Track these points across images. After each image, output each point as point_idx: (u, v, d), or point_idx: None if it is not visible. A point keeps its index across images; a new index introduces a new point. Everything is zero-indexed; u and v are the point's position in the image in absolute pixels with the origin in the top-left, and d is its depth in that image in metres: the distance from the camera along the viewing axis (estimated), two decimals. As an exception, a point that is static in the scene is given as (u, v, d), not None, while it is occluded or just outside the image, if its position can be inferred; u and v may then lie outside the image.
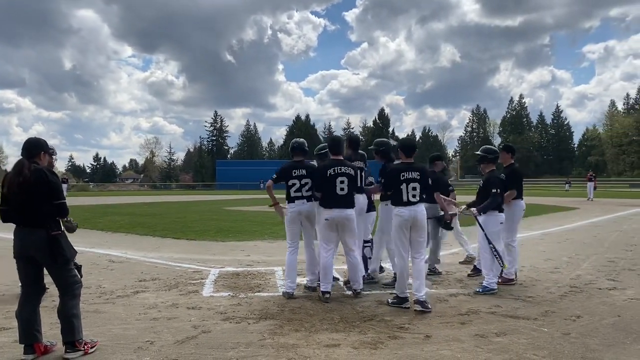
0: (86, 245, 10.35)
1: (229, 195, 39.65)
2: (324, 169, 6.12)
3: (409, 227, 5.64)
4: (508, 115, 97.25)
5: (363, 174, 6.63)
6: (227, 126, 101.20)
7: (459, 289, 6.57)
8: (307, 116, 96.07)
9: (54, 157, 5.72)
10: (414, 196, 5.69)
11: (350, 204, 6.15)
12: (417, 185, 5.71)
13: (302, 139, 6.67)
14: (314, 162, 6.71)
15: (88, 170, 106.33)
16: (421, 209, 5.73)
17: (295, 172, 6.28)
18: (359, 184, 6.39)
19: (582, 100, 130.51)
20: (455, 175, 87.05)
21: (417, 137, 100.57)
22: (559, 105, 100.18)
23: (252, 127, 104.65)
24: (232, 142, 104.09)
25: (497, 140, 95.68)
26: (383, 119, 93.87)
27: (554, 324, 4.96)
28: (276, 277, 7.37)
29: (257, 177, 61.34)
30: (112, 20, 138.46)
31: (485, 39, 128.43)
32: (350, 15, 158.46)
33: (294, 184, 6.27)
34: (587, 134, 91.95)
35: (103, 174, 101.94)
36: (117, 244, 11.08)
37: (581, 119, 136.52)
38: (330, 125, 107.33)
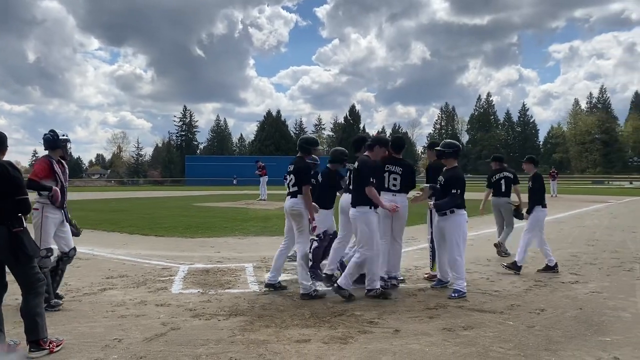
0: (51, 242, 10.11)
1: (198, 191, 39.19)
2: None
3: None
4: (476, 113, 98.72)
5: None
6: (197, 121, 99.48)
7: (427, 284, 6.67)
8: (278, 112, 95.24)
9: (69, 145, 5.61)
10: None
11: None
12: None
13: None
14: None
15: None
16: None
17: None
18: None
19: (547, 98, 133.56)
20: (424, 170, 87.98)
21: (388, 134, 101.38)
22: (525, 103, 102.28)
23: (222, 122, 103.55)
24: (202, 138, 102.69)
25: (464, 138, 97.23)
26: (354, 116, 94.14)
27: (519, 317, 5.09)
28: (246, 273, 7.34)
29: (227, 173, 60.84)
30: (77, 11, 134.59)
31: (454, 37, 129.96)
32: (321, 11, 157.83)
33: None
34: (552, 131, 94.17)
35: (69, 169, 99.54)
36: (83, 241, 10.79)
37: (546, 117, 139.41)
38: (301, 122, 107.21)
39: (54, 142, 5.49)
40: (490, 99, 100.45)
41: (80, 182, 69.29)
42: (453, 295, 5.93)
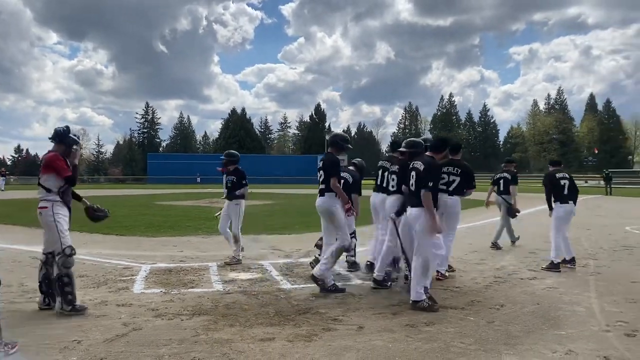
0: (8, 242, 9.79)
1: (161, 190, 38.58)
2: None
3: None
4: (439, 113, 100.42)
5: None
6: (159, 118, 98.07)
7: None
8: (243, 110, 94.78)
9: (74, 148, 5.36)
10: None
11: None
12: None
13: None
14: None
15: (9, 163, 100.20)
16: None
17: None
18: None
19: (507, 99, 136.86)
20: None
21: (353, 133, 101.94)
22: (486, 103, 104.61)
23: (185, 119, 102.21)
24: (165, 135, 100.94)
25: (427, 137, 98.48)
26: (319, 114, 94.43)
27: (480, 313, 5.21)
28: (210, 272, 7.27)
29: (190, 171, 60.04)
30: (35, 4, 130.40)
31: (418, 38, 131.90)
32: (286, 9, 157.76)
33: None
34: (512, 131, 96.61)
35: (26, 166, 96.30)
36: (41, 241, 10.50)
37: (506, 118, 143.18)
38: (267, 120, 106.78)
39: (62, 136, 5.30)
40: (453, 99, 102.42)
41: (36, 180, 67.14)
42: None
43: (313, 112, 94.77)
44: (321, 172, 6.21)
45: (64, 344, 4.17)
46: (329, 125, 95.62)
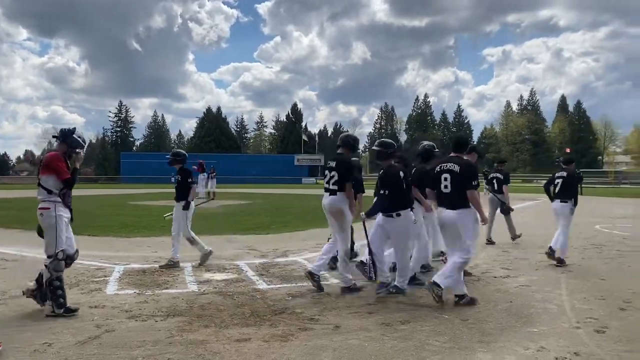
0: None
1: (134, 189, 38.00)
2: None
3: None
4: (414, 114, 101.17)
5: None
6: (133, 117, 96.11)
7: (366, 280, 6.77)
8: (219, 108, 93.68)
9: (77, 151, 5.18)
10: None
11: None
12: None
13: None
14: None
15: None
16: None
17: None
18: None
19: (481, 100, 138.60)
20: (365, 169, 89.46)
21: (329, 133, 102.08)
22: (460, 104, 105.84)
23: (159, 118, 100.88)
24: (138, 134, 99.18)
25: (403, 137, 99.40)
26: (296, 114, 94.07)
27: (454, 311, 5.27)
28: (185, 273, 7.20)
29: (164, 170, 59.33)
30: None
31: (394, 38, 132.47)
32: (262, 8, 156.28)
33: None
34: (485, 132, 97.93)
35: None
36: (11, 241, 10.28)
37: (480, 118, 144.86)
38: (243, 119, 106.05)
39: (65, 135, 5.19)
40: (428, 99, 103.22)
41: (7, 180, 65.67)
42: (391, 290, 5.90)
43: (289, 112, 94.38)
44: (333, 172, 6.13)
45: (34, 347, 4.08)
46: (306, 125, 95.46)
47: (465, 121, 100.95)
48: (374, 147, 6.26)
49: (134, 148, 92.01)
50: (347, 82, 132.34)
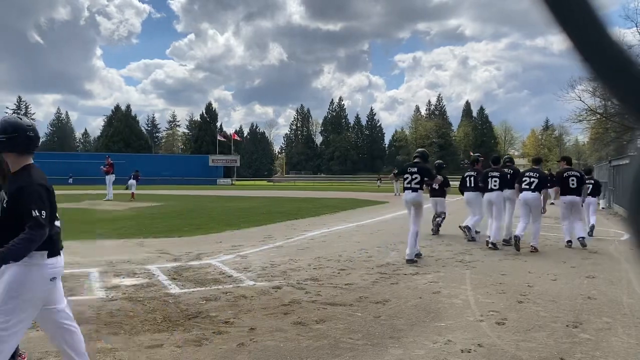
0: None
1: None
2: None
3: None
4: (329, 116, 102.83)
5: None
6: (34, 113, 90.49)
7: (281, 281, 6.79)
8: (128, 106, 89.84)
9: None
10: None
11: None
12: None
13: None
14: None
15: None
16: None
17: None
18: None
19: (393, 104, 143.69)
20: (281, 170, 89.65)
21: (245, 133, 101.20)
22: (373, 108, 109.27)
23: (63, 115, 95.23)
24: (40, 132, 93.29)
25: (318, 139, 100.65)
26: (211, 114, 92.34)
27: (367, 309, 5.41)
28: (91, 279, 6.84)
29: (64, 171, 55.65)
30: None
31: (310, 41, 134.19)
32: (175, 4, 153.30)
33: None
34: (396, 135, 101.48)
35: None
36: None
37: (392, 122, 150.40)
38: (154, 118, 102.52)
39: None
40: (342, 102, 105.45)
41: None
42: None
43: (204, 111, 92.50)
44: (415, 175, 8.55)
45: None
46: (221, 125, 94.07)
47: (378, 124, 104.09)
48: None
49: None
50: (263, 82, 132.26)
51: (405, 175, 8.62)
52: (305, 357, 3.99)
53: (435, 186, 10.45)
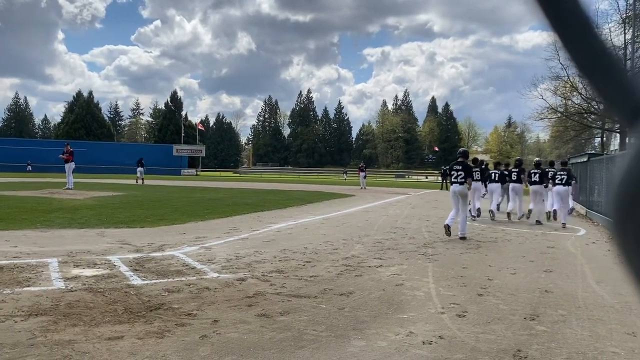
0: None
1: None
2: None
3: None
4: (297, 108, 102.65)
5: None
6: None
7: (246, 273, 6.77)
8: (91, 93, 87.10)
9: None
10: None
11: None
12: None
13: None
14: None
15: None
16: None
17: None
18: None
19: (361, 98, 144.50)
20: (247, 162, 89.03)
21: (211, 123, 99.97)
22: (341, 101, 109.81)
23: (22, 100, 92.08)
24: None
25: (286, 131, 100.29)
26: (176, 102, 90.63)
27: (331, 301, 5.45)
28: (50, 269, 6.66)
29: (21, 158, 53.89)
30: None
31: (279, 31, 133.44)
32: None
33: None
34: (363, 129, 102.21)
35: None
36: None
37: (359, 115, 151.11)
38: (117, 105, 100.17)
39: None
40: (311, 95, 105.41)
41: None
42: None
43: (169, 100, 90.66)
44: (460, 172, 10.57)
45: None
46: (186, 114, 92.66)
47: (345, 118, 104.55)
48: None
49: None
50: (231, 72, 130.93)
51: (452, 172, 10.78)
52: (269, 348, 3.99)
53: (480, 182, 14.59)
